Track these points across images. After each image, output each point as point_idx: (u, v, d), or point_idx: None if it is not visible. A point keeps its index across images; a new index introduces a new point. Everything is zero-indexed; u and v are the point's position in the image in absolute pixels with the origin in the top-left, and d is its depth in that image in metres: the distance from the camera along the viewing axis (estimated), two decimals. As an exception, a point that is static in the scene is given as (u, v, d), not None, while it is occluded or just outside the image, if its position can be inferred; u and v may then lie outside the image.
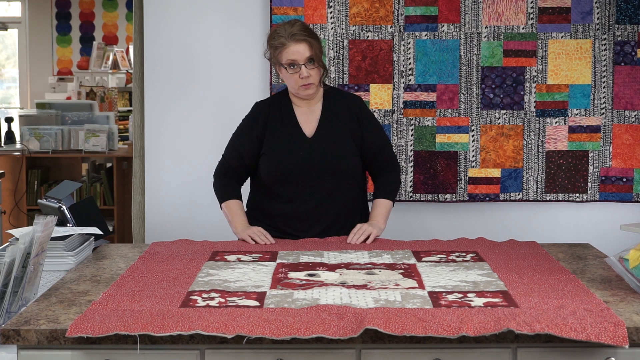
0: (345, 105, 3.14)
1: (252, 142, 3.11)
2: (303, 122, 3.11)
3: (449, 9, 3.86)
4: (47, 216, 2.29)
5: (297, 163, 3.05)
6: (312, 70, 2.99)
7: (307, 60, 2.98)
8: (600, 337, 1.94)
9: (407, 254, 2.72)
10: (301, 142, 3.07)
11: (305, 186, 3.06)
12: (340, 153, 3.07)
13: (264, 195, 3.14)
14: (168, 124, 4.01)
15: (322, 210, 3.07)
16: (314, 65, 2.99)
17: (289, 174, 3.05)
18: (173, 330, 1.96)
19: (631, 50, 3.86)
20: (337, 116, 3.12)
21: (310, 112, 3.12)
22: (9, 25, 11.52)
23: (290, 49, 2.97)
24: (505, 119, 3.90)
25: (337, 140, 3.08)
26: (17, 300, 2.17)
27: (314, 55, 2.98)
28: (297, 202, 3.07)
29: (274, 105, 3.15)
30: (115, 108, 7.93)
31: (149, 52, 3.99)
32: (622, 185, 3.91)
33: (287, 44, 2.97)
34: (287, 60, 2.99)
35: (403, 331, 1.96)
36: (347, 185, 3.10)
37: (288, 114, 3.12)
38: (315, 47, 2.99)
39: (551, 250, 2.84)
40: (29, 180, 6.36)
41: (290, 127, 3.10)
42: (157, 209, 4.02)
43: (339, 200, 3.09)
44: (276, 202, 3.10)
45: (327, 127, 3.10)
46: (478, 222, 3.96)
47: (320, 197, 3.07)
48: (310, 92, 3.05)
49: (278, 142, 3.08)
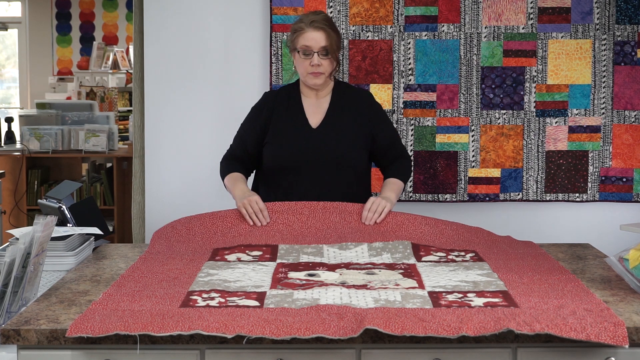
0: (354, 100, 3.15)
1: (256, 130, 3.13)
2: (310, 113, 3.12)
3: (449, 9, 3.86)
4: (47, 216, 2.28)
5: (299, 152, 3.06)
6: (324, 60, 3.01)
7: (321, 49, 3.00)
8: (600, 337, 1.94)
9: (408, 253, 2.71)
10: (305, 131, 3.09)
11: (307, 176, 3.06)
12: (345, 145, 3.07)
13: (266, 185, 3.15)
14: (168, 124, 4.01)
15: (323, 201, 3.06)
16: (327, 56, 3.01)
17: (291, 162, 3.06)
18: (173, 330, 1.96)
19: (631, 50, 3.86)
20: (345, 110, 3.13)
21: (318, 104, 3.14)
22: (9, 25, 11.52)
23: (307, 35, 3.00)
24: (505, 119, 3.90)
25: (342, 132, 3.09)
26: (17, 300, 2.17)
27: (329, 46, 3.00)
28: (298, 192, 3.07)
29: (283, 95, 3.17)
30: (115, 108, 7.93)
31: (149, 52, 3.99)
32: (622, 185, 3.91)
33: (305, 29, 3.01)
34: (301, 46, 3.02)
35: (403, 331, 1.95)
36: (351, 178, 3.10)
37: (295, 104, 3.14)
38: (333, 40, 3.01)
39: (551, 250, 2.84)
40: (29, 180, 6.36)
41: (296, 117, 3.11)
42: (157, 209, 4.02)
43: (341, 193, 3.08)
44: (277, 193, 3.10)
45: (334, 119, 3.11)
46: (478, 222, 3.95)
47: (322, 188, 3.07)
48: (318, 81, 3.06)
49: (282, 130, 3.10)
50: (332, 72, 3.08)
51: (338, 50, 3.06)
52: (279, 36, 3.89)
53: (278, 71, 3.90)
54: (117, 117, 7.48)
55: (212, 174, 3.98)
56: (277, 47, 3.89)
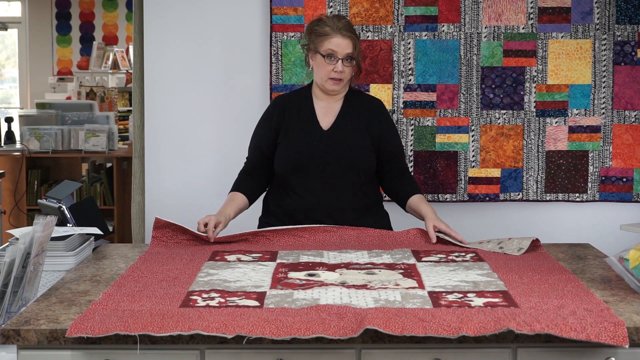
0: (366, 106, 3.15)
1: (271, 134, 3.12)
2: (321, 115, 3.11)
3: (449, 9, 3.86)
4: (47, 216, 2.28)
5: (310, 154, 3.04)
6: (347, 68, 3.02)
7: (346, 56, 3.00)
8: (600, 337, 1.94)
9: (407, 254, 2.71)
10: (316, 133, 3.08)
11: (318, 178, 3.05)
12: (355, 147, 3.06)
13: (278, 187, 3.14)
14: (168, 124, 4.01)
15: (334, 204, 3.05)
16: (350, 63, 3.02)
17: (302, 164, 3.05)
18: (173, 330, 1.96)
19: (631, 50, 3.86)
20: (357, 114, 3.12)
21: (329, 106, 3.13)
22: (9, 25, 11.52)
23: (334, 40, 2.99)
24: (505, 119, 3.90)
25: (353, 134, 3.08)
26: (17, 300, 2.17)
27: (354, 54, 3.01)
28: (309, 194, 3.06)
29: (294, 99, 3.16)
30: (115, 108, 7.94)
31: (149, 52, 3.99)
32: (622, 185, 3.91)
33: (332, 35, 3.00)
34: (327, 50, 3.00)
35: (403, 331, 1.95)
36: (361, 180, 3.09)
37: (307, 107, 3.13)
38: (357, 47, 3.02)
39: (551, 250, 2.84)
40: (29, 180, 6.36)
41: (307, 119, 3.11)
42: (157, 209, 4.02)
43: (351, 195, 3.07)
44: (289, 195, 3.09)
45: (345, 122, 3.10)
46: (478, 222, 3.96)
47: (332, 190, 3.05)
48: (337, 88, 3.07)
49: (293, 132, 3.09)
50: (351, 79, 3.09)
51: (359, 57, 3.06)
52: (279, 36, 3.89)
53: (278, 71, 3.90)
54: (117, 117, 7.48)
55: (212, 174, 3.99)
56: (277, 47, 3.89)
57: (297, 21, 3.87)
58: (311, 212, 3.06)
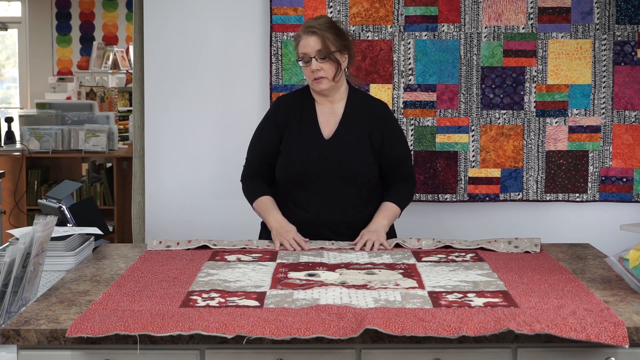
0: (368, 110, 3.07)
1: (274, 134, 3.05)
2: (323, 122, 3.04)
3: (449, 9, 3.86)
4: (47, 216, 2.29)
5: (310, 165, 2.98)
6: (323, 64, 2.94)
7: (317, 54, 2.93)
8: (600, 337, 1.94)
9: (407, 254, 2.72)
10: (317, 143, 3.00)
11: (318, 189, 2.99)
12: (356, 159, 2.99)
13: (278, 196, 3.06)
14: (168, 124, 4.01)
15: (333, 218, 2.99)
16: (325, 59, 2.94)
17: (301, 175, 2.98)
18: (173, 330, 1.96)
19: (631, 50, 3.86)
20: (359, 120, 3.03)
21: (331, 112, 3.05)
22: (9, 25, 11.52)
23: (302, 42, 2.96)
24: (505, 119, 3.90)
25: (354, 145, 3.00)
26: (17, 300, 2.17)
27: (324, 49, 2.92)
28: (309, 206, 3.00)
29: (296, 101, 3.09)
30: (115, 108, 7.93)
31: (149, 52, 3.99)
32: (622, 185, 3.91)
33: (300, 37, 2.97)
34: (300, 54, 2.98)
35: (403, 331, 1.96)
36: (362, 191, 3.02)
37: (309, 112, 3.06)
38: (329, 42, 2.93)
39: (551, 250, 2.84)
40: (29, 180, 6.36)
41: (309, 127, 3.03)
42: (157, 209, 4.02)
43: (352, 206, 3.00)
44: (289, 206, 3.03)
45: (346, 131, 3.01)
46: (478, 222, 3.96)
47: (333, 201, 2.99)
48: (322, 87, 2.99)
49: (295, 140, 3.02)
50: (336, 74, 2.98)
51: (341, 49, 2.97)
52: (279, 36, 3.89)
53: (278, 71, 3.90)
54: (117, 117, 7.48)
55: (212, 174, 3.99)
56: (277, 47, 3.89)
57: (297, 21, 3.87)
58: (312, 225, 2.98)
